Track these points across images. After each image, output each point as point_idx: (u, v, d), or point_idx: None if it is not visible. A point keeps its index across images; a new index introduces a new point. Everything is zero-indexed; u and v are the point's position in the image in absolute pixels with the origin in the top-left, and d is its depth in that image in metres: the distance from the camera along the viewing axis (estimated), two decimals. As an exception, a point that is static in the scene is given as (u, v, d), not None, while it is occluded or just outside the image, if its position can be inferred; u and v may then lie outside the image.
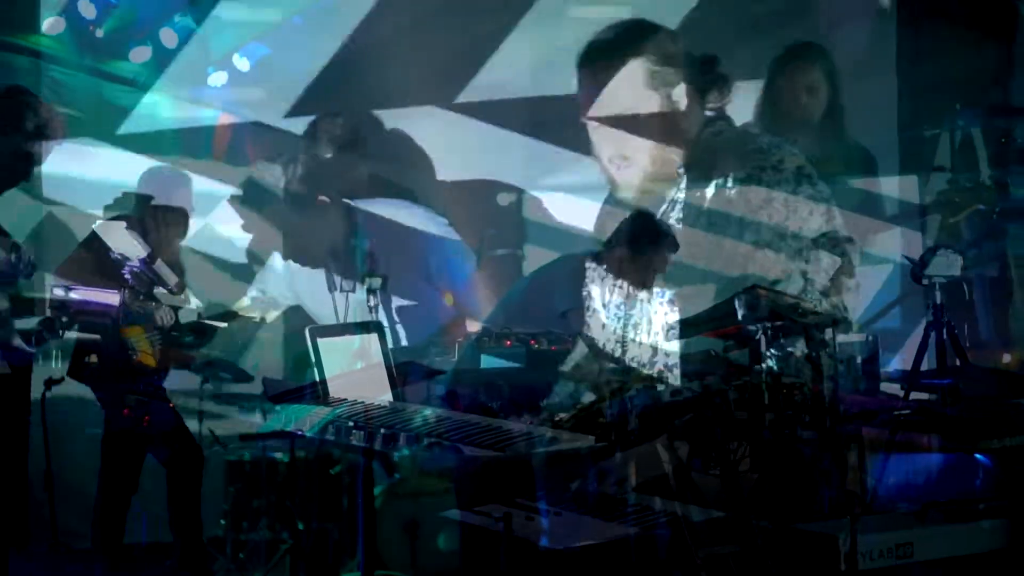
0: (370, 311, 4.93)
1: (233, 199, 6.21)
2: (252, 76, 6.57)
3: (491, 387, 3.63)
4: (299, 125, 6.57)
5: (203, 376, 5.82)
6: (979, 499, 3.30)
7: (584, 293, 5.40)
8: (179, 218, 4.95)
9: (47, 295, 4.25)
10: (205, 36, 6.55)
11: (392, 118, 6.53)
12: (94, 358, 4.11)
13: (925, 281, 4.62)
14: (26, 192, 5.34)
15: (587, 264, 5.57)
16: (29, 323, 4.12)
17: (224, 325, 5.37)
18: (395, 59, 6.36)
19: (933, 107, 6.12)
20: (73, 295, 4.04)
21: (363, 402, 2.97)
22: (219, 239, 6.17)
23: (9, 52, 6.14)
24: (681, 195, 3.65)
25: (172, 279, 4.35)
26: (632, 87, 3.68)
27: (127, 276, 4.20)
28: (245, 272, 5.95)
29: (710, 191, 3.56)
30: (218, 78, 6.80)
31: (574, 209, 6.45)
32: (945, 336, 4.67)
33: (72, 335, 4.05)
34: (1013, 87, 6.07)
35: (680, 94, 3.67)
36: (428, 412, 2.96)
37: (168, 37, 6.50)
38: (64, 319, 4.05)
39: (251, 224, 6.13)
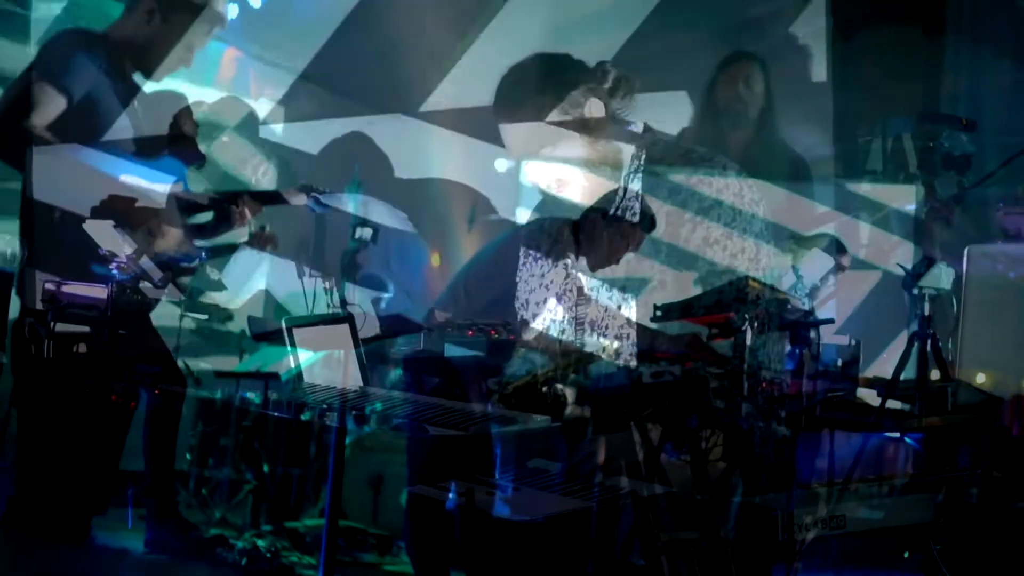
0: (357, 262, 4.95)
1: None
2: (262, 13, 6.52)
3: (453, 372, 3.68)
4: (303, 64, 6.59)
5: (182, 310, 5.83)
6: (906, 475, 3.47)
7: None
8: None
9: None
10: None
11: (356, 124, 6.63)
12: (83, 347, 4.12)
13: (915, 291, 4.63)
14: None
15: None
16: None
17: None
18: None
19: (867, 113, 6.25)
20: (64, 289, 4.03)
21: (335, 387, 3.07)
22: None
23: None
24: (636, 186, 3.60)
25: (157, 274, 4.35)
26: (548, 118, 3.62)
27: (114, 272, 4.20)
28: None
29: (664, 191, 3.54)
30: (228, 11, 6.74)
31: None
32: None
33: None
34: (942, 93, 6.25)
35: (593, 108, 3.60)
36: (396, 395, 3.13)
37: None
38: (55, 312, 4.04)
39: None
